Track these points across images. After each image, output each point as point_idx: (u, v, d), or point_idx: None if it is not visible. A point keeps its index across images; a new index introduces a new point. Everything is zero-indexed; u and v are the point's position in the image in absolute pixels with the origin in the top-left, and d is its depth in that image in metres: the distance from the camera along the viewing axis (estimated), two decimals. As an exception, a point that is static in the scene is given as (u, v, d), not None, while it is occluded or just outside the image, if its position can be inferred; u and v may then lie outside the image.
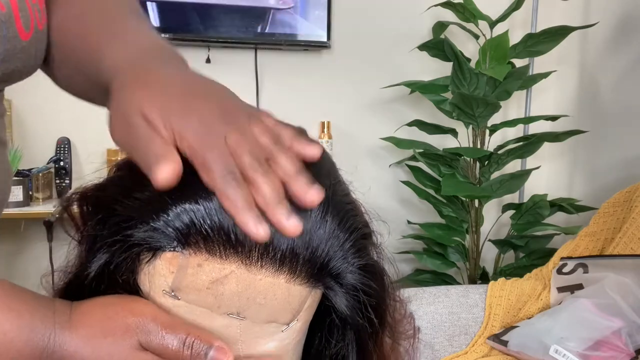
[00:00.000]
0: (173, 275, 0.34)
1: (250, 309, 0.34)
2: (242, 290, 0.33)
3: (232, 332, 0.35)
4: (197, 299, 0.34)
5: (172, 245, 0.33)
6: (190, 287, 0.34)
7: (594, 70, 1.94)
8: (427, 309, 1.45)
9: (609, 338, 1.22)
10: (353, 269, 0.36)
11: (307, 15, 1.87)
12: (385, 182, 2.07)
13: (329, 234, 0.35)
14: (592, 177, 1.94)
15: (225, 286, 0.33)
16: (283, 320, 0.35)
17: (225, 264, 0.33)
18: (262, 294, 0.34)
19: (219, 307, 0.34)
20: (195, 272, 0.33)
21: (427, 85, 1.82)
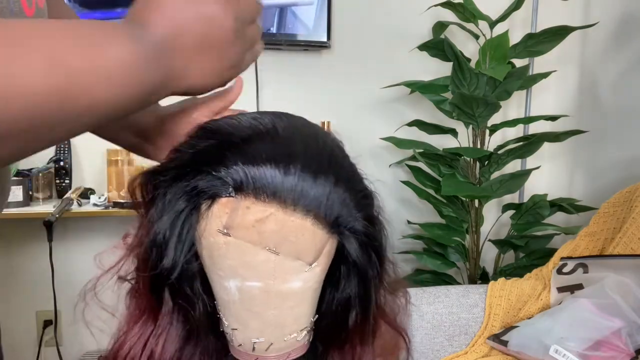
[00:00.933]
0: (227, 215, 0.43)
1: (284, 245, 0.43)
2: (279, 228, 0.42)
3: (269, 266, 0.44)
4: (244, 235, 0.43)
5: (228, 192, 0.43)
6: (240, 225, 0.43)
7: (594, 70, 1.95)
8: (427, 309, 1.45)
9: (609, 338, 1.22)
10: (359, 218, 0.46)
11: (307, 15, 1.87)
12: (385, 182, 2.07)
13: (342, 193, 0.45)
14: (592, 177, 1.94)
15: (266, 225, 0.42)
16: (307, 259, 0.44)
17: (267, 207, 0.42)
18: (294, 233, 0.43)
19: (261, 242, 0.43)
20: (244, 212, 0.42)
21: (427, 85, 1.83)
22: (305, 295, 0.46)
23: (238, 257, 0.43)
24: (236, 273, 0.44)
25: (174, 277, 0.45)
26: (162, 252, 0.44)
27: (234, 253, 0.43)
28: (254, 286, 0.44)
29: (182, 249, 0.45)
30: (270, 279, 0.44)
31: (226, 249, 0.43)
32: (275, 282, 0.44)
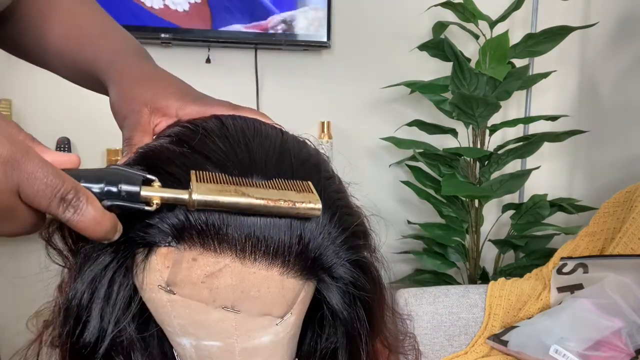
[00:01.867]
0: (168, 270, 0.34)
1: (244, 302, 0.34)
2: (236, 283, 0.34)
3: (228, 325, 0.35)
4: (192, 292, 0.34)
5: (167, 241, 0.34)
6: (185, 281, 0.34)
7: (594, 70, 1.94)
8: (427, 309, 1.45)
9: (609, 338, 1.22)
10: (344, 262, 0.36)
11: (307, 15, 1.87)
12: (385, 182, 2.07)
13: (321, 227, 0.35)
14: (592, 177, 1.94)
15: (219, 280, 0.34)
16: (277, 313, 0.36)
17: (219, 258, 0.33)
18: (256, 287, 0.34)
19: (214, 300, 0.34)
20: (190, 266, 0.33)
21: (427, 85, 1.82)
22: (278, 347, 0.37)
23: (187, 316, 0.35)
24: (187, 332, 0.36)
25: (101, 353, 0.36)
26: (82, 320, 0.35)
27: (181, 312, 0.35)
28: (212, 345, 0.36)
29: (112, 314, 0.36)
30: (231, 338, 0.36)
31: (171, 307, 0.35)
32: (238, 340, 0.36)
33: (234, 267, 0.34)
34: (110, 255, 0.35)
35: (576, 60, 2.01)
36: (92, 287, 0.35)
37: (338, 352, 0.40)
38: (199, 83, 0.50)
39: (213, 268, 0.34)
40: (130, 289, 0.36)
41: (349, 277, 0.37)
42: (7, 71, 1.77)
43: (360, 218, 0.40)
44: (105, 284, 0.35)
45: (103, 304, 0.35)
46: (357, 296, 0.38)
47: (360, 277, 0.38)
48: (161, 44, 1.81)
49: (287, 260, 0.34)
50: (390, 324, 0.44)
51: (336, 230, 0.36)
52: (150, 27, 1.76)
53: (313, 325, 0.42)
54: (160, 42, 1.79)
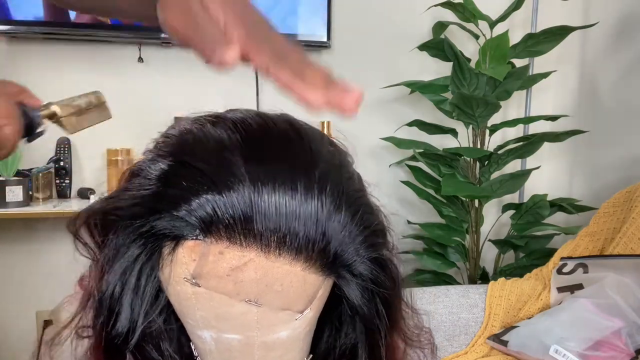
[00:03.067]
0: (195, 262, 0.35)
1: (267, 295, 0.35)
2: (260, 277, 0.35)
3: (250, 319, 0.36)
4: (217, 285, 0.35)
5: (194, 234, 0.34)
6: (211, 274, 0.35)
7: (594, 70, 1.95)
8: (427, 308, 1.45)
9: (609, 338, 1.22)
10: (364, 260, 0.37)
11: (307, 15, 1.87)
12: (385, 182, 2.07)
13: (342, 225, 0.36)
14: (592, 177, 1.94)
15: (244, 273, 0.35)
16: (297, 308, 0.37)
17: (245, 252, 0.34)
18: (280, 281, 0.35)
19: (238, 293, 0.35)
20: (216, 259, 0.34)
21: (427, 85, 1.82)
22: (295, 342, 0.39)
23: (210, 309, 0.36)
24: (209, 325, 0.37)
25: (133, 343, 0.38)
26: (115, 311, 0.37)
27: (205, 304, 0.36)
28: (233, 338, 0.37)
29: (142, 306, 0.37)
30: (252, 331, 0.37)
31: (196, 299, 0.36)
32: (258, 334, 0.37)
33: (259, 261, 0.35)
34: (140, 248, 0.36)
35: (576, 60, 2.01)
36: (123, 279, 0.36)
37: (358, 347, 0.41)
38: (199, 82, 0.51)
39: (239, 262, 0.34)
40: (157, 281, 0.37)
41: (369, 274, 0.38)
42: (7, 71, 1.77)
43: (380, 217, 0.40)
44: (135, 276, 0.36)
45: (133, 295, 0.37)
46: (377, 292, 0.39)
47: (380, 274, 0.39)
48: (161, 44, 1.81)
49: (310, 256, 0.35)
50: (409, 320, 0.45)
51: (357, 228, 0.37)
52: (150, 27, 1.76)
53: (332, 322, 0.42)
54: (161, 42, 1.79)
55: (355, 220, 0.37)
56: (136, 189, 0.37)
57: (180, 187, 0.34)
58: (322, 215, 0.35)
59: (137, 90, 1.85)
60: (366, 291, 0.39)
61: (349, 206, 0.37)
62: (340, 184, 0.37)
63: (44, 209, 1.63)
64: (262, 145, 0.37)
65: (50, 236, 1.85)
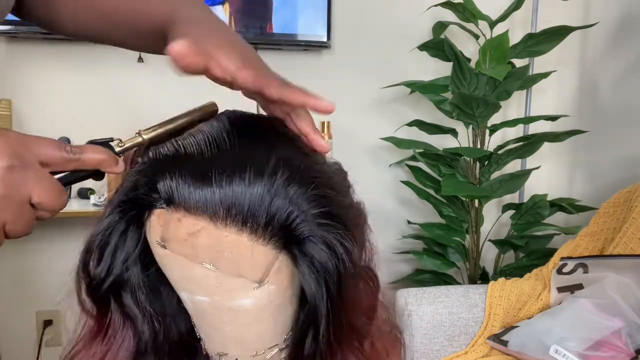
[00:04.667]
0: (162, 228, 0.41)
1: (221, 261, 0.40)
2: (212, 243, 0.40)
3: (210, 282, 0.41)
4: (179, 248, 0.41)
5: (160, 204, 0.41)
6: (173, 239, 0.41)
7: (594, 70, 1.95)
8: (427, 309, 1.45)
9: (609, 338, 1.22)
10: (310, 238, 0.40)
11: (307, 15, 1.87)
12: (385, 182, 2.07)
13: (288, 204, 0.40)
14: (592, 177, 1.94)
15: (199, 239, 0.40)
16: (251, 277, 0.41)
17: (198, 220, 0.40)
18: (229, 249, 0.40)
19: (196, 256, 0.40)
20: (176, 225, 0.40)
21: (427, 85, 1.82)
22: (262, 313, 0.43)
23: (178, 270, 0.42)
24: (182, 286, 0.43)
25: (106, 286, 0.44)
26: (95, 259, 0.44)
27: (173, 266, 0.42)
28: (203, 300, 0.42)
29: (118, 258, 0.44)
30: (215, 295, 0.41)
31: (167, 261, 0.42)
32: (222, 299, 0.42)
33: (210, 229, 0.40)
34: (120, 213, 0.43)
35: (576, 60, 2.01)
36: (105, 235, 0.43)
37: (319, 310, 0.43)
38: (199, 82, 0.52)
39: (193, 228, 0.40)
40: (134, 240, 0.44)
41: (315, 253, 0.41)
42: (7, 71, 1.78)
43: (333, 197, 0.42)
44: (115, 236, 0.43)
45: (112, 249, 0.43)
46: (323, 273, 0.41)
47: (325, 252, 0.41)
48: (161, 44, 1.80)
49: (255, 229, 0.39)
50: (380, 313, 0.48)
51: (307, 205, 0.40)
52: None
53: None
54: (160, 42, 1.79)
55: (303, 202, 0.40)
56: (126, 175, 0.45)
57: (156, 168, 0.42)
58: (269, 194, 0.39)
59: (137, 90, 1.85)
60: (313, 270, 0.41)
61: (300, 186, 0.40)
62: (296, 172, 0.40)
63: (44, 209, 1.63)
64: (228, 137, 0.42)
65: (50, 236, 1.85)
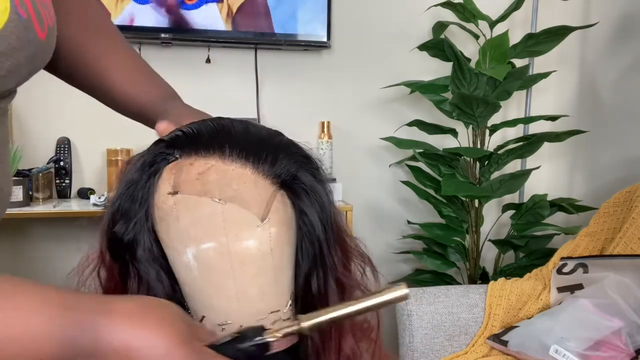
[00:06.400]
0: (174, 175, 0.47)
1: (227, 193, 0.46)
2: (220, 178, 0.46)
3: (218, 220, 0.45)
4: (190, 188, 0.46)
5: (174, 156, 0.48)
6: (185, 181, 0.46)
7: (594, 70, 1.95)
8: (427, 309, 1.45)
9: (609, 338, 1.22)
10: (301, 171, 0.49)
11: (307, 15, 1.87)
12: (385, 182, 2.07)
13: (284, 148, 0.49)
14: (592, 177, 1.94)
15: (208, 176, 0.46)
16: (254, 210, 0.46)
17: (208, 160, 0.47)
18: (235, 181, 0.46)
19: (205, 192, 0.46)
20: (188, 169, 0.47)
21: (427, 85, 1.83)
22: (265, 264, 0.46)
23: (188, 214, 0.46)
24: (189, 237, 0.46)
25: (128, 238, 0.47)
26: (116, 217, 0.48)
27: (183, 211, 0.46)
28: (209, 248, 0.45)
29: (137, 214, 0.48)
30: (222, 235, 0.45)
31: (177, 210, 0.46)
32: (228, 240, 0.45)
33: (218, 165, 0.46)
34: (138, 174, 0.48)
35: (576, 60, 2.01)
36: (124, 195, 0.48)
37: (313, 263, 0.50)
38: (199, 83, 0.53)
39: (204, 168, 0.46)
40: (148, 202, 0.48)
41: (308, 182, 0.49)
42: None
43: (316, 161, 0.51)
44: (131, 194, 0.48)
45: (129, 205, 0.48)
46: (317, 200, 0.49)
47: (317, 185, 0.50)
48: (161, 44, 1.81)
49: (257, 164, 0.47)
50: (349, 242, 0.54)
51: (295, 155, 0.49)
52: (150, 27, 1.76)
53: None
54: (160, 42, 1.79)
55: (295, 151, 0.50)
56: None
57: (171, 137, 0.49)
58: (268, 140, 0.49)
59: (137, 90, 1.85)
60: (309, 196, 0.49)
61: (293, 146, 0.50)
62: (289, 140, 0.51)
63: (44, 209, 1.63)
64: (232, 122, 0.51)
65: (50, 236, 1.85)
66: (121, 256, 0.48)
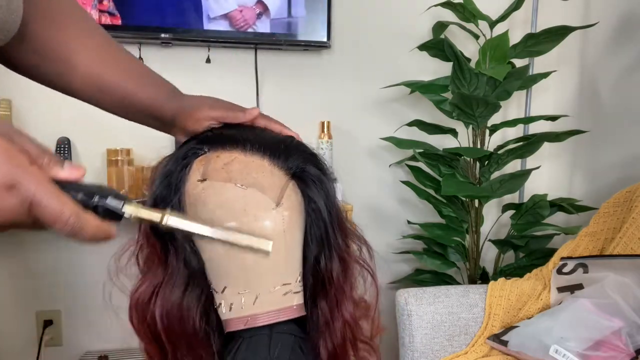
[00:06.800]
0: (203, 165, 0.55)
1: (248, 179, 0.53)
2: (242, 168, 0.54)
3: (240, 203, 0.52)
4: (217, 175, 0.53)
5: (203, 151, 0.56)
6: (212, 170, 0.54)
7: (594, 70, 1.95)
8: (427, 309, 1.45)
9: (609, 338, 1.22)
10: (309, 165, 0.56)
11: (307, 16, 1.87)
12: (385, 182, 2.07)
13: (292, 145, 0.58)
14: (592, 177, 1.94)
15: (233, 166, 0.54)
16: (271, 194, 0.53)
17: (232, 153, 0.55)
18: (255, 170, 0.54)
19: (230, 179, 0.53)
20: (215, 160, 0.55)
21: (427, 85, 1.82)
22: (278, 241, 0.53)
23: (214, 198, 0.53)
24: (215, 217, 0.52)
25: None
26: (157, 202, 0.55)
27: (210, 195, 0.53)
28: (232, 227, 0.52)
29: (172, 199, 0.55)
30: (243, 216, 0.52)
31: (205, 194, 0.53)
32: (248, 219, 0.52)
33: (241, 157, 0.54)
34: (173, 165, 0.56)
35: (576, 60, 2.01)
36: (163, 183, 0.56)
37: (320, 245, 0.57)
38: (199, 83, 0.53)
39: (229, 159, 0.54)
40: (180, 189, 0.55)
41: (316, 174, 0.56)
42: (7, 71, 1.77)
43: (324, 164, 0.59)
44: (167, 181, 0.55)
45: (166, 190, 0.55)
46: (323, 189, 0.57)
47: (323, 177, 0.57)
48: (161, 44, 1.81)
49: (273, 157, 0.55)
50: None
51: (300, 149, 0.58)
52: (150, 27, 1.76)
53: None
54: (160, 42, 1.79)
55: (304, 150, 0.58)
56: None
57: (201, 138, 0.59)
58: (282, 140, 0.58)
59: (137, 90, 1.85)
60: (316, 186, 0.56)
61: (302, 146, 0.59)
62: (299, 142, 0.59)
63: (44, 209, 1.63)
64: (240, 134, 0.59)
65: (50, 236, 1.85)
66: (162, 236, 0.55)
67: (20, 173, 0.33)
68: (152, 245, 0.56)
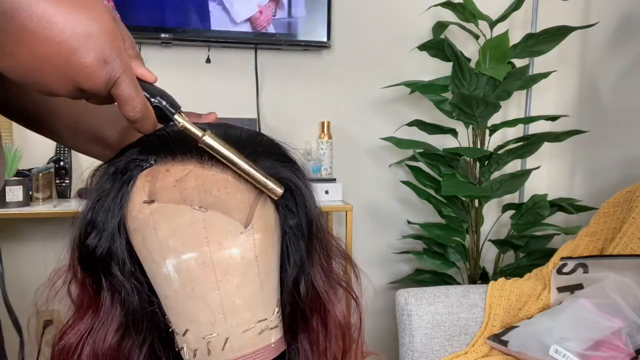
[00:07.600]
0: (149, 183, 0.44)
1: (207, 200, 0.43)
2: (200, 184, 0.43)
3: (199, 229, 0.43)
4: (167, 196, 0.43)
5: (149, 162, 0.45)
6: (162, 188, 0.43)
7: (594, 70, 1.95)
8: (427, 309, 1.45)
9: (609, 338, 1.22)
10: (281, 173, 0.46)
11: (307, 15, 1.87)
12: (385, 182, 2.07)
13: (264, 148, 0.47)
14: (592, 177, 1.94)
15: (187, 182, 0.43)
16: (237, 216, 0.43)
17: (185, 166, 0.44)
18: (216, 187, 0.43)
19: (184, 200, 0.43)
20: (164, 175, 0.43)
21: (427, 85, 1.83)
22: (250, 271, 0.44)
23: (165, 223, 0.43)
24: (169, 248, 0.43)
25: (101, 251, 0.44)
26: (88, 230, 0.45)
27: (160, 220, 0.43)
28: (190, 259, 0.42)
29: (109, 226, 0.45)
30: (203, 245, 0.42)
31: (154, 219, 0.43)
32: (210, 249, 0.42)
33: (197, 171, 0.43)
34: (110, 182, 0.45)
35: (576, 60, 2.01)
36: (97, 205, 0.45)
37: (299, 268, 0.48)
38: (199, 83, 0.52)
39: (182, 174, 0.43)
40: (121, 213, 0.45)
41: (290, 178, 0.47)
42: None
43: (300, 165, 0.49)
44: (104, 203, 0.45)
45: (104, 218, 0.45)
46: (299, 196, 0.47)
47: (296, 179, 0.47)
48: (161, 44, 1.81)
49: None
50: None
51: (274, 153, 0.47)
52: (150, 27, 1.76)
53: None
54: (160, 42, 1.79)
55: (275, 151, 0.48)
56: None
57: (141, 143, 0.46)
58: (247, 142, 0.46)
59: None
60: (293, 196, 0.47)
61: (273, 146, 0.48)
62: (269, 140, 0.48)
63: (44, 209, 1.63)
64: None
65: (50, 236, 1.85)
66: (94, 270, 0.45)
67: (115, 55, 0.38)
68: (80, 282, 0.47)
